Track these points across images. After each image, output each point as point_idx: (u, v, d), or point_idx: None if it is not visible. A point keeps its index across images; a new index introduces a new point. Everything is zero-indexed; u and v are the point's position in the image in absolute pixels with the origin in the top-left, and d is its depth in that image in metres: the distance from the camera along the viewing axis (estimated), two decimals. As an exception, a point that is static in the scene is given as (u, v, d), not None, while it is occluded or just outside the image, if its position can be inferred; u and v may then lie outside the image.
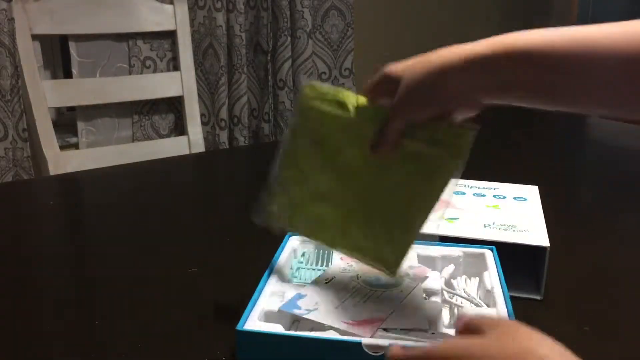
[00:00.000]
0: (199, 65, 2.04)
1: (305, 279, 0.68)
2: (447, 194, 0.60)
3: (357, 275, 0.67)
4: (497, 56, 0.54)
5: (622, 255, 0.88)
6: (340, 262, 0.69)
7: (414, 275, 0.67)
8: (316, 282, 0.65)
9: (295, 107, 1.89)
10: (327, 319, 0.58)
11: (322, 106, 0.62)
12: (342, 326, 0.57)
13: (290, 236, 0.75)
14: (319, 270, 0.69)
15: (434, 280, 0.67)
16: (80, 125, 1.89)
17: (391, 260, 0.63)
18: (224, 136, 2.08)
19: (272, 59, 2.16)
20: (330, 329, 0.57)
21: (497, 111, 0.62)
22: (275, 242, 0.73)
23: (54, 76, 1.97)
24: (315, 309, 0.60)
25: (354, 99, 0.62)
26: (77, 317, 0.72)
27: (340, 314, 0.59)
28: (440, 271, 0.70)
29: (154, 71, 1.95)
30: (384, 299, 0.62)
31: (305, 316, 0.59)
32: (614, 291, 0.78)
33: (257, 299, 0.61)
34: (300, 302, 0.61)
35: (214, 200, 1.15)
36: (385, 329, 0.57)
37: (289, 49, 2.13)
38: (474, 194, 0.89)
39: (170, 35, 1.91)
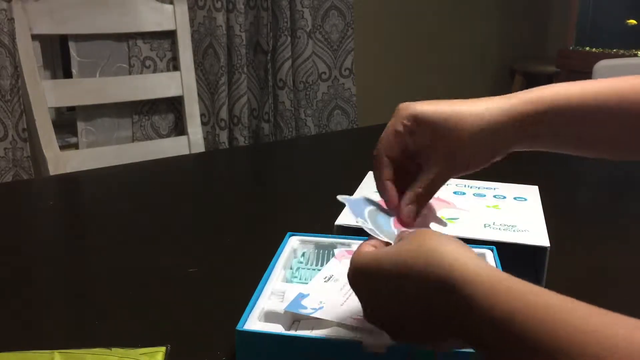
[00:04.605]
0: (199, 65, 2.04)
1: (305, 279, 0.68)
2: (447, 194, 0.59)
3: None
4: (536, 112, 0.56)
5: (622, 255, 0.88)
6: (334, 260, 0.69)
7: None
8: (315, 281, 0.65)
9: None
10: (335, 317, 0.58)
11: None
12: (352, 322, 0.57)
13: (290, 236, 0.75)
14: (319, 270, 0.69)
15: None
16: (80, 125, 1.89)
17: None
18: (224, 136, 2.08)
19: (272, 59, 2.16)
20: (340, 326, 0.57)
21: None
22: (275, 242, 0.73)
23: (54, 76, 1.97)
24: (321, 307, 0.60)
25: None
26: (77, 317, 0.73)
27: (346, 310, 0.59)
28: (441, 271, 0.70)
29: (154, 71, 1.95)
30: None
31: (313, 315, 0.59)
32: (614, 291, 0.78)
33: (257, 299, 0.61)
34: (305, 302, 0.61)
35: (214, 200, 1.15)
36: None
37: (289, 49, 2.13)
38: (474, 194, 0.89)
39: (170, 35, 1.91)
